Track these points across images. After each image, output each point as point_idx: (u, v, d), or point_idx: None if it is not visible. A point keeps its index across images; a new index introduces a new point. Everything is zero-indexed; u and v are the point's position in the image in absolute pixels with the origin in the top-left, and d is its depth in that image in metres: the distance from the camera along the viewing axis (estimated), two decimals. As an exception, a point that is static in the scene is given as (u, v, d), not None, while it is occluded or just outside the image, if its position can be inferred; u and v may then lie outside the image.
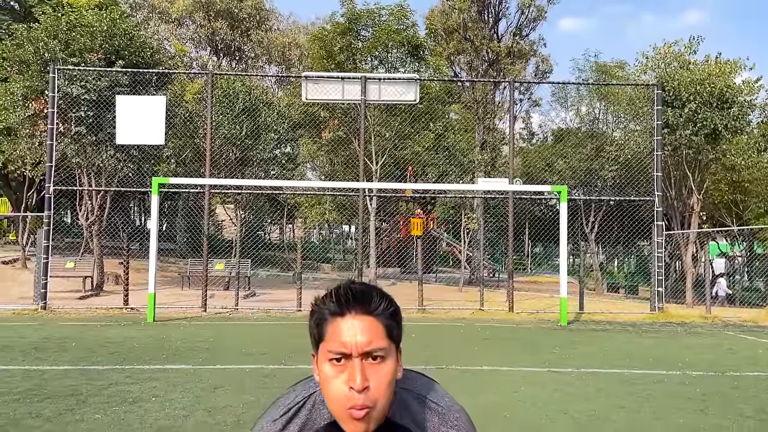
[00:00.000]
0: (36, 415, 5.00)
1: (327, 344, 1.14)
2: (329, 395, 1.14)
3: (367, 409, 1.10)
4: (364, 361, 1.11)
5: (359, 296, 1.14)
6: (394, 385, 1.17)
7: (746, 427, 5.06)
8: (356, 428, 1.12)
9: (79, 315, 11.98)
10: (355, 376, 1.10)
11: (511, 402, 5.80)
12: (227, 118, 16.28)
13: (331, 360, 1.13)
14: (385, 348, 1.14)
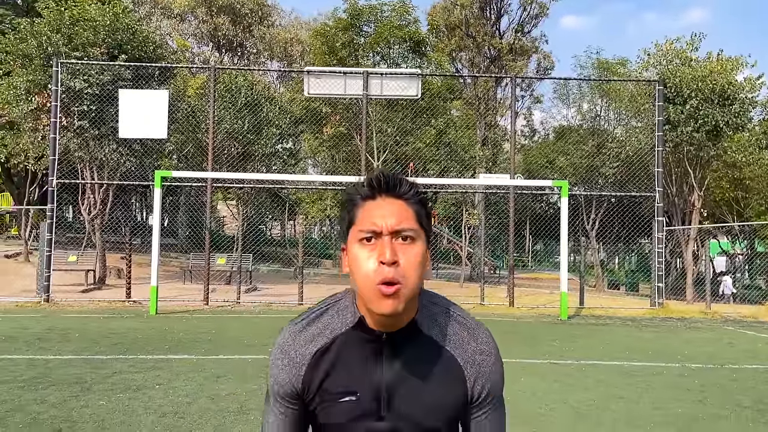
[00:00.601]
0: (41, 401, 5.06)
1: (358, 226, 1.15)
2: (359, 275, 1.13)
3: (398, 285, 1.10)
4: (394, 240, 1.12)
5: (390, 181, 1.17)
6: (422, 281, 1.17)
7: (744, 417, 5.10)
8: (386, 306, 1.11)
9: (82, 307, 12.04)
10: (384, 251, 1.10)
11: (511, 392, 5.84)
12: (229, 112, 16.33)
13: (361, 240, 1.14)
14: (415, 230, 1.15)
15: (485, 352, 1.25)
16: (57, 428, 4.37)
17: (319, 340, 1.23)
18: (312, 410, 1.24)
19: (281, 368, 1.24)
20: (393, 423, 1.20)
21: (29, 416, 4.62)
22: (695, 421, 4.94)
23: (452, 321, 1.25)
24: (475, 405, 1.25)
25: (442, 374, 1.22)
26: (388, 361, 1.21)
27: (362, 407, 1.20)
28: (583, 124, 24.10)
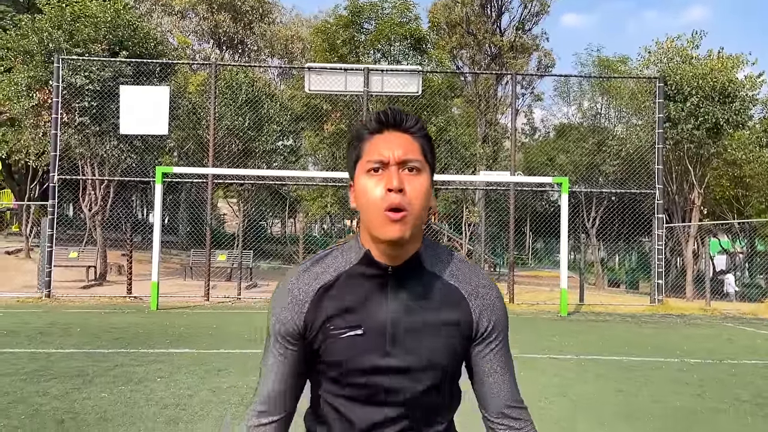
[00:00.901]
0: (43, 393, 5.09)
1: (365, 158, 1.18)
2: (366, 204, 1.16)
3: (404, 212, 1.13)
4: (400, 171, 1.15)
5: (397, 116, 1.19)
6: (427, 215, 1.19)
7: (742, 411, 5.13)
8: (393, 231, 1.13)
9: (83, 303, 12.07)
10: (392, 179, 1.13)
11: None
12: (230, 109, 16.34)
13: (369, 171, 1.16)
14: (421, 161, 1.18)
15: (488, 286, 1.26)
16: (59, 419, 4.39)
17: (323, 277, 1.23)
18: (315, 349, 1.23)
19: (283, 306, 1.24)
20: (399, 358, 1.19)
21: (31, 408, 4.65)
22: (694, 415, 4.97)
23: (454, 259, 1.27)
24: (481, 340, 1.25)
25: (448, 308, 1.22)
26: (393, 295, 1.20)
27: (368, 342, 1.19)
28: (584, 122, 24.11)
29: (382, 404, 1.21)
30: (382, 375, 1.20)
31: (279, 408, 1.27)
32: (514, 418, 1.27)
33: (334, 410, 1.24)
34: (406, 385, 1.20)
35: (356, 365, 1.19)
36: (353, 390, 1.22)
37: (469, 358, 1.27)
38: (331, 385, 1.24)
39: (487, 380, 1.26)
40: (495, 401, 1.26)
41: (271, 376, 1.27)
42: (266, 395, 1.27)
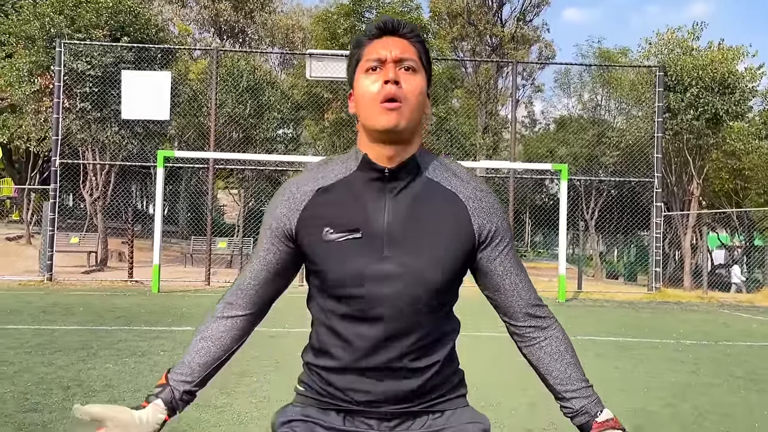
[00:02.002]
0: (48, 363, 5.17)
1: (364, 59, 1.21)
2: (362, 98, 1.19)
3: (399, 103, 1.15)
4: (397, 68, 1.18)
5: (395, 23, 1.24)
6: (421, 117, 1.21)
7: (736, 385, 5.22)
8: (387, 120, 1.15)
9: (84, 286, 12.15)
10: (388, 72, 1.16)
11: (509, 361, 5.97)
12: (231, 96, 16.37)
13: (367, 70, 1.19)
14: (417, 62, 1.21)
15: (485, 190, 1.26)
16: (65, 386, 4.47)
17: (322, 181, 1.24)
18: (309, 253, 1.22)
19: (280, 203, 1.24)
20: (394, 263, 1.17)
21: (37, 376, 4.73)
22: (688, 388, 5.05)
23: (450, 165, 1.27)
24: (487, 244, 1.24)
25: (446, 212, 1.22)
26: (390, 198, 1.20)
27: (364, 245, 1.18)
28: (584, 113, 24.14)
29: (381, 320, 1.18)
30: (379, 282, 1.17)
31: (246, 303, 1.28)
32: (540, 317, 1.27)
33: (334, 334, 1.22)
34: (404, 293, 1.18)
35: (353, 270, 1.18)
36: (352, 304, 1.19)
37: (479, 266, 1.25)
38: (329, 304, 1.22)
39: (503, 284, 1.25)
40: (517, 303, 1.26)
41: (249, 271, 1.28)
42: (237, 287, 1.29)
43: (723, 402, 4.64)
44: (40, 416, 3.73)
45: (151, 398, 1.22)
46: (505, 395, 4.63)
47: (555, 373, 1.26)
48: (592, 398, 1.24)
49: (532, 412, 4.18)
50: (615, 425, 1.20)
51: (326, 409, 1.26)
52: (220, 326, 1.28)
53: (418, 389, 1.22)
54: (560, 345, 1.27)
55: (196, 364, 1.26)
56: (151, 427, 1.19)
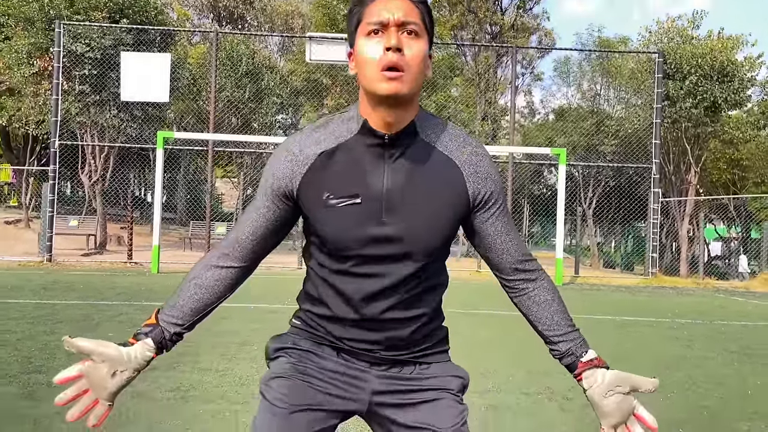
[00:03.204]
0: (50, 333, 5.22)
1: (365, 20, 1.19)
2: (363, 64, 1.17)
3: (401, 72, 1.14)
4: (399, 33, 1.16)
5: None
6: (423, 81, 1.21)
7: (729, 359, 5.29)
8: (389, 88, 1.15)
9: (84, 267, 12.19)
10: (390, 38, 1.15)
11: (507, 336, 6.05)
12: (230, 80, 16.34)
13: (368, 33, 1.17)
14: (420, 26, 1.19)
15: (480, 154, 1.28)
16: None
17: (325, 144, 1.24)
18: (309, 216, 1.25)
19: (282, 162, 1.25)
20: (394, 227, 1.21)
21: (40, 343, 4.79)
22: (683, 360, 5.13)
23: (448, 129, 1.29)
24: (481, 207, 1.28)
25: (442, 177, 1.25)
26: (389, 164, 1.22)
27: (364, 211, 1.21)
28: (583, 103, 24.16)
29: (376, 276, 1.23)
30: (377, 245, 1.22)
31: (242, 256, 1.30)
32: (528, 270, 1.33)
33: (330, 286, 1.27)
34: (400, 255, 1.23)
35: (353, 235, 1.21)
36: (349, 262, 1.24)
37: (472, 227, 1.30)
38: (327, 260, 1.27)
39: (494, 243, 1.30)
40: (507, 259, 1.32)
41: (246, 224, 1.29)
42: (234, 239, 1.30)
43: (716, 373, 4.71)
44: (44, 377, 3.79)
45: (140, 336, 1.25)
46: (503, 364, 4.70)
47: (543, 320, 1.34)
48: (577, 341, 1.31)
49: (528, 378, 4.25)
50: (599, 363, 1.28)
51: (321, 343, 1.32)
52: (215, 275, 1.30)
53: (408, 338, 1.29)
54: (548, 294, 1.34)
55: (189, 308, 1.30)
56: (138, 363, 1.22)
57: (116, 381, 1.20)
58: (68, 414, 1.21)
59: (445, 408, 1.28)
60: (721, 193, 25.52)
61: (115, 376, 1.20)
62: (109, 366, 1.19)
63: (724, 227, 30.59)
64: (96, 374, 1.19)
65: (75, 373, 1.20)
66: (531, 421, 3.31)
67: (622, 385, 1.25)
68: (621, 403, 1.25)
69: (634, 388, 1.26)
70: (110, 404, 1.22)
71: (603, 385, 1.25)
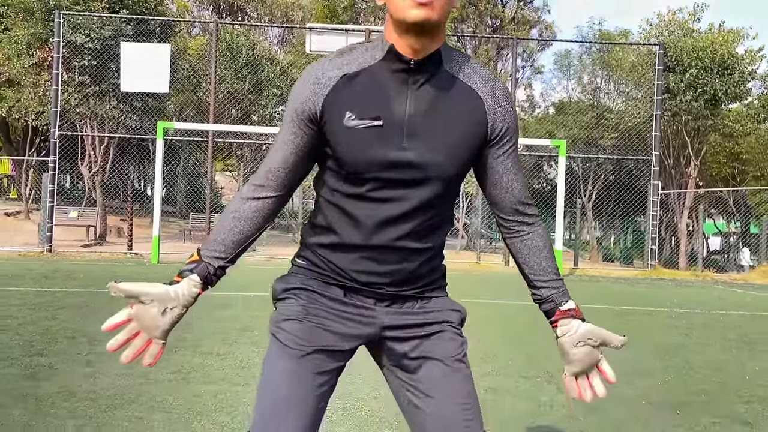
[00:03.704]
0: (52, 318, 5.25)
1: None
2: None
3: None
4: None
5: None
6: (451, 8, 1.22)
7: (728, 346, 5.32)
8: (418, 14, 1.15)
9: (84, 257, 12.21)
10: None
11: (506, 325, 6.08)
12: (230, 72, 16.32)
13: None
14: None
15: (502, 89, 1.30)
16: (70, 336, 4.55)
17: (347, 68, 1.25)
18: (330, 143, 1.25)
19: (305, 86, 1.26)
20: (414, 152, 1.23)
21: (42, 328, 4.81)
22: (681, 347, 5.15)
23: (471, 62, 1.31)
24: (496, 142, 1.30)
25: (464, 107, 1.26)
26: (413, 90, 1.23)
27: (386, 134, 1.22)
28: (583, 96, 24.13)
29: (392, 201, 1.25)
30: (396, 169, 1.23)
31: (276, 185, 1.31)
32: (526, 214, 1.36)
33: (342, 212, 1.28)
34: (418, 181, 1.25)
35: (372, 157, 1.22)
36: (365, 186, 1.25)
37: (483, 160, 1.32)
38: (342, 185, 1.28)
39: (501, 180, 1.33)
40: (509, 198, 1.35)
41: (277, 154, 1.29)
42: (267, 170, 1.31)
43: (715, 359, 4.74)
44: (46, 359, 3.81)
45: (185, 274, 1.27)
46: (502, 350, 4.72)
47: (531, 264, 1.37)
48: (559, 290, 1.35)
49: (528, 363, 4.27)
50: (576, 314, 1.32)
51: (327, 283, 1.33)
52: (253, 207, 1.31)
53: (414, 272, 1.31)
54: (539, 241, 1.37)
55: (230, 241, 1.30)
56: (186, 299, 1.24)
57: (168, 318, 1.23)
58: (122, 356, 1.24)
59: (447, 340, 1.32)
60: (721, 186, 25.53)
61: (166, 314, 1.22)
62: (159, 305, 1.22)
63: (723, 222, 30.63)
64: (147, 315, 1.22)
65: (124, 317, 1.23)
66: (530, 403, 3.33)
67: (593, 338, 1.30)
68: (589, 354, 1.30)
69: (604, 342, 1.31)
70: (163, 342, 1.25)
71: (576, 335, 1.30)
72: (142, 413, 2.85)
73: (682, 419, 3.12)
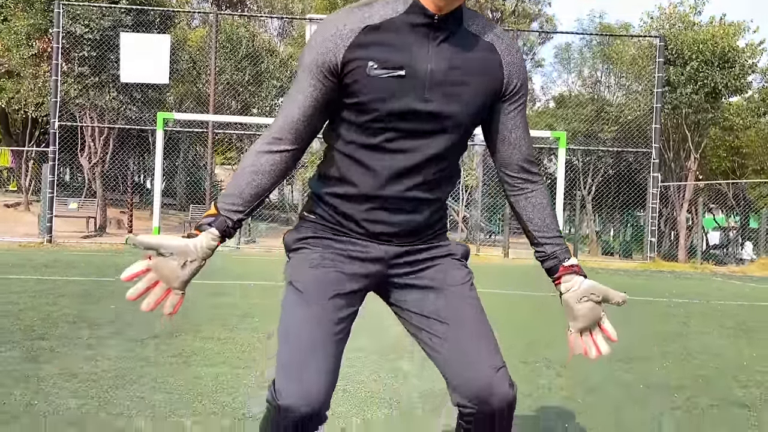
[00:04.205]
0: (53, 304, 5.26)
1: None
2: None
3: None
4: None
5: None
6: None
7: (726, 333, 5.35)
8: None
9: (84, 248, 12.23)
10: None
11: (508, 314, 6.10)
12: (230, 63, 16.30)
13: None
14: None
15: (516, 47, 1.35)
16: (71, 321, 4.56)
17: (369, 20, 1.26)
18: (351, 92, 1.26)
19: (325, 38, 1.26)
20: (435, 104, 1.26)
21: (43, 313, 4.82)
22: (679, 335, 5.18)
23: (488, 22, 1.35)
24: (509, 97, 1.34)
25: (482, 62, 1.30)
26: (435, 43, 1.26)
27: (408, 85, 1.24)
28: (583, 90, 24.10)
29: (407, 152, 1.28)
30: (415, 120, 1.26)
31: (292, 138, 1.31)
32: (532, 173, 1.40)
33: (357, 163, 1.30)
34: (434, 132, 1.28)
35: (393, 107, 1.25)
36: (381, 136, 1.27)
37: (495, 115, 1.36)
38: (358, 136, 1.29)
39: (509, 136, 1.37)
40: (517, 155, 1.38)
41: (293, 106, 1.30)
42: (282, 122, 1.31)
43: (713, 345, 4.76)
44: (47, 343, 3.83)
45: (203, 227, 1.28)
46: (503, 337, 4.73)
47: (535, 221, 1.40)
48: (562, 247, 1.39)
49: (528, 349, 4.30)
50: (578, 271, 1.37)
51: (338, 233, 1.36)
52: (269, 160, 1.31)
53: (423, 222, 1.36)
54: (543, 199, 1.40)
55: (248, 194, 1.31)
56: (204, 252, 1.26)
57: (187, 271, 1.24)
58: (143, 304, 1.26)
59: (453, 269, 1.38)
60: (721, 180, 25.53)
61: (186, 267, 1.24)
62: (179, 258, 1.23)
63: (723, 217, 30.65)
64: (166, 266, 1.23)
65: (142, 268, 1.24)
66: (528, 385, 3.36)
67: (596, 293, 1.34)
68: (591, 310, 1.34)
69: (606, 298, 1.35)
70: (182, 293, 1.27)
71: (579, 291, 1.34)
72: (144, 393, 2.87)
73: (680, 402, 3.14)
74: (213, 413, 2.64)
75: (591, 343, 1.36)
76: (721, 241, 30.33)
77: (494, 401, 1.26)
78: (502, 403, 1.27)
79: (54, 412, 2.55)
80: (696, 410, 3.02)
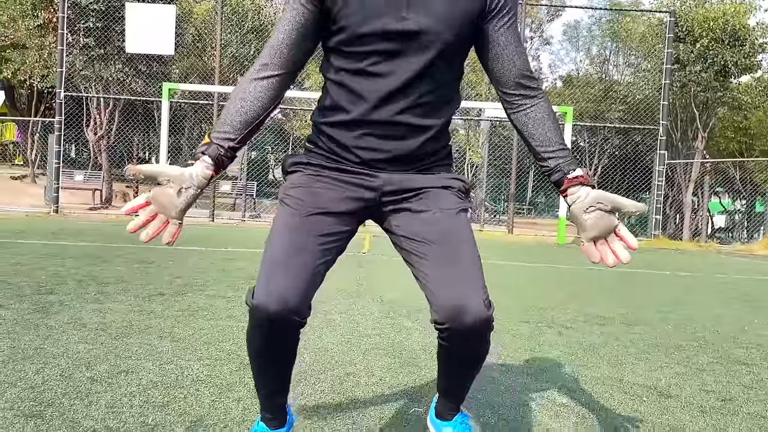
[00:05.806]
0: (61, 265, 5.32)
1: None
2: None
3: None
4: None
5: None
6: None
7: (727, 302, 5.37)
8: None
9: (90, 218, 12.30)
10: None
11: (510, 282, 6.14)
12: (236, 37, 16.20)
13: None
14: None
15: None
16: (79, 280, 4.62)
17: None
18: (333, 10, 1.30)
19: None
20: (414, 21, 1.28)
21: (51, 272, 4.88)
22: (680, 304, 5.20)
23: None
24: (495, 14, 1.34)
25: None
26: None
27: (386, 4, 1.27)
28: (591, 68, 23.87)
29: (391, 74, 1.30)
30: (395, 40, 1.29)
31: (282, 62, 1.33)
32: (529, 87, 1.39)
33: (346, 89, 1.34)
34: (416, 50, 1.29)
35: (372, 27, 1.27)
36: (365, 60, 1.30)
37: (485, 34, 1.36)
38: (345, 62, 1.33)
39: (503, 53, 1.37)
40: (512, 71, 1.38)
41: (280, 31, 1.33)
42: (269, 49, 1.34)
43: (713, 312, 4.79)
44: (56, 297, 3.88)
45: (198, 156, 1.31)
46: (505, 300, 4.78)
47: (536, 136, 1.38)
48: (567, 158, 1.37)
49: (529, 311, 4.33)
50: (584, 181, 1.35)
51: (332, 160, 1.41)
52: (258, 87, 1.34)
53: (416, 149, 1.37)
54: (543, 113, 1.38)
55: (238, 122, 1.33)
56: (200, 180, 1.29)
57: (183, 198, 1.27)
58: (142, 235, 1.29)
59: (448, 196, 1.39)
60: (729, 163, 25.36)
61: (181, 194, 1.27)
62: (175, 185, 1.26)
63: (729, 200, 30.49)
64: (164, 195, 1.26)
65: (143, 201, 1.28)
66: (529, 342, 3.40)
67: (604, 202, 1.31)
68: (601, 219, 1.30)
69: (617, 207, 1.31)
70: (180, 222, 1.29)
71: (586, 201, 1.32)
72: (152, 341, 2.92)
73: (680, 359, 3.18)
74: (218, 359, 2.69)
75: (608, 251, 1.32)
76: (726, 224, 30.23)
77: (467, 319, 1.27)
78: (476, 321, 1.27)
79: (63, 354, 2.60)
80: (696, 365, 3.05)
